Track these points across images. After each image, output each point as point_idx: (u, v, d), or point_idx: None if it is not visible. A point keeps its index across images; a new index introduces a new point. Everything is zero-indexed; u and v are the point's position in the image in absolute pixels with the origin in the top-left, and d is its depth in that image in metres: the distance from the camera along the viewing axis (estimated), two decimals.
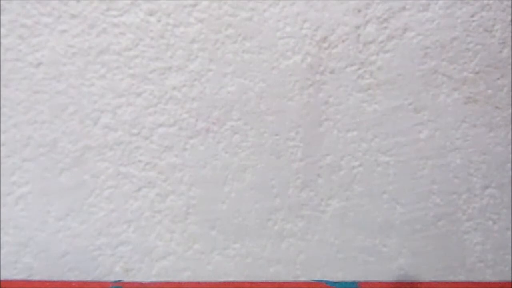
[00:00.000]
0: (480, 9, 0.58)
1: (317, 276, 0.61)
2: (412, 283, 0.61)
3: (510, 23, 0.58)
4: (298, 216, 0.60)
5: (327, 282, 0.60)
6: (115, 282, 0.59)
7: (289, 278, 0.61)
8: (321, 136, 0.59)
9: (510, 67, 0.59)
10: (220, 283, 0.60)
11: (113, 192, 0.58)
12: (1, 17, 0.54)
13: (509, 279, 0.62)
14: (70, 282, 0.58)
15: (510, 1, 0.58)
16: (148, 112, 0.57)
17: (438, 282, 0.61)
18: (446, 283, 0.61)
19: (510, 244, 0.61)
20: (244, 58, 0.57)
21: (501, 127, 0.60)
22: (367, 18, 0.57)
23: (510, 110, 0.60)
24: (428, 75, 0.59)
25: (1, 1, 0.54)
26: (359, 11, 0.57)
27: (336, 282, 0.60)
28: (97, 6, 0.55)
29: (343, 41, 0.57)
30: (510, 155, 0.60)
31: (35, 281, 0.58)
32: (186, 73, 0.57)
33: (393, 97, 0.59)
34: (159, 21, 0.56)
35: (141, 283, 0.59)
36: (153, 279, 0.59)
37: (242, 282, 0.60)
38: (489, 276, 0.61)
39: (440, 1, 0.57)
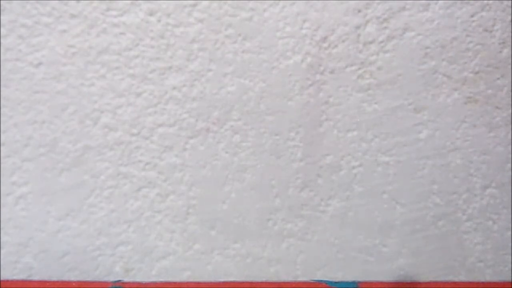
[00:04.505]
0: (480, 9, 0.58)
1: (317, 276, 0.61)
2: (412, 283, 0.61)
3: (510, 23, 0.58)
4: (298, 216, 0.60)
5: (327, 282, 0.60)
6: (115, 282, 0.59)
7: (289, 278, 0.61)
8: (321, 136, 0.59)
9: (510, 67, 0.59)
10: (220, 283, 0.60)
11: (113, 192, 0.58)
12: (1, 17, 0.54)
13: (509, 279, 0.62)
14: (70, 282, 0.58)
15: (510, 1, 0.58)
16: (148, 112, 0.57)
17: (438, 282, 0.61)
18: (446, 283, 0.61)
19: (510, 244, 0.61)
20: (244, 58, 0.57)
21: (501, 127, 0.60)
22: (367, 18, 0.57)
23: (510, 110, 0.60)
24: (428, 75, 0.59)
25: (1, 1, 0.54)
26: (359, 11, 0.57)
27: (336, 282, 0.60)
28: (97, 6, 0.55)
29: (343, 41, 0.57)
30: (510, 155, 0.60)
31: (35, 281, 0.58)
32: (186, 73, 0.57)
33: (393, 97, 0.59)
34: (159, 21, 0.55)
35: (141, 283, 0.59)
36: (153, 279, 0.59)
37: (242, 282, 0.60)
38: (489, 276, 0.61)
39: (440, 1, 0.57)
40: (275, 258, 0.60)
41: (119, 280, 0.59)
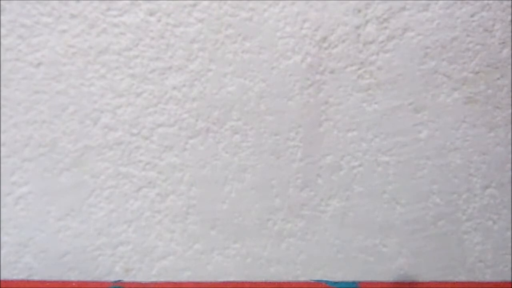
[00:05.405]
0: (480, 9, 0.58)
1: (317, 276, 0.61)
2: (412, 283, 0.61)
3: (510, 23, 0.58)
4: (298, 216, 0.60)
5: (327, 282, 0.60)
6: (115, 282, 0.59)
7: (289, 278, 0.61)
8: (321, 136, 0.59)
9: (510, 67, 0.59)
10: (220, 283, 0.60)
11: (113, 192, 0.58)
12: (1, 17, 0.54)
13: (509, 279, 0.62)
14: (70, 282, 0.58)
15: (510, 1, 0.58)
16: (148, 112, 0.57)
17: (438, 282, 0.61)
18: (446, 283, 0.61)
19: (510, 244, 0.61)
20: (244, 58, 0.57)
21: (501, 127, 0.60)
22: (367, 18, 0.57)
23: (510, 110, 0.60)
24: (428, 75, 0.59)
25: (1, 1, 0.54)
26: (359, 11, 0.57)
27: (336, 282, 0.60)
28: (97, 6, 0.55)
29: (343, 41, 0.57)
30: (510, 155, 0.60)
31: (35, 281, 0.58)
32: (186, 73, 0.57)
33: (393, 97, 0.59)
34: (159, 21, 0.56)
35: (141, 283, 0.59)
36: (153, 279, 0.59)
37: (242, 282, 0.60)
38: (489, 276, 0.61)
39: (440, 1, 0.57)
40: (275, 258, 0.60)
41: (119, 280, 0.59)
